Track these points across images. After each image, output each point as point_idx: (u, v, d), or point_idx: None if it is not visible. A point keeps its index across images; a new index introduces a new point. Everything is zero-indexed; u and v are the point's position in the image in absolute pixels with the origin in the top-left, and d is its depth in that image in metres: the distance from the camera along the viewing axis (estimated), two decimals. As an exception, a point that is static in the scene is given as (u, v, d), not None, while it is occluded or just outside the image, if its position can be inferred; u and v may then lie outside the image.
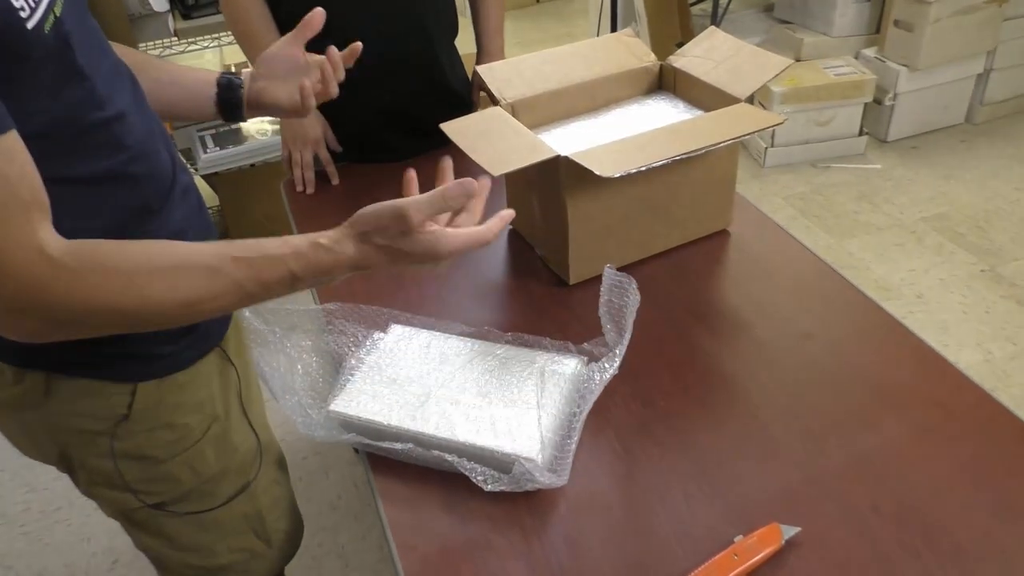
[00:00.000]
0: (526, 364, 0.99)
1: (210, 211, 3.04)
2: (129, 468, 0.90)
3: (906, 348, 1.05)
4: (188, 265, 0.71)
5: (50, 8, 0.68)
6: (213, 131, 2.58)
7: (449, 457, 0.87)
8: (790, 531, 0.81)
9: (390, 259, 0.77)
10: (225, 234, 2.77)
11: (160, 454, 0.91)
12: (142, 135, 0.82)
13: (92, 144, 0.76)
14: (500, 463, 0.87)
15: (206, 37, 2.80)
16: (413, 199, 0.75)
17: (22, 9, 0.64)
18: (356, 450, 0.99)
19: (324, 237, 0.75)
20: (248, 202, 2.63)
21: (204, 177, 2.68)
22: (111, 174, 0.78)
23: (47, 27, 0.67)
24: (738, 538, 0.80)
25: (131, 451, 0.89)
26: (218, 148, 2.51)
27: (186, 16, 2.82)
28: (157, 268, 0.70)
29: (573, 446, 0.89)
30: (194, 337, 0.91)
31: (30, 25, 0.64)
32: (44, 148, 0.67)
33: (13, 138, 0.63)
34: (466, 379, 0.98)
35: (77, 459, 0.91)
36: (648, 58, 1.35)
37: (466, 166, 1.08)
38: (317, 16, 0.99)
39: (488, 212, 1.37)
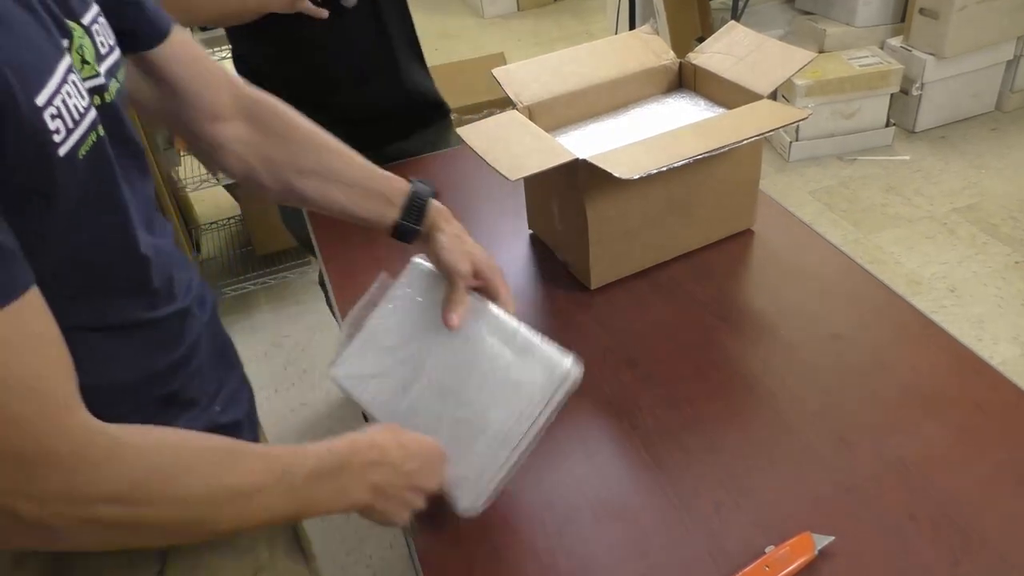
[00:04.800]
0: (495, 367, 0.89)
1: (231, 220, 3.03)
2: None
3: (939, 347, 1.02)
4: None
5: (92, 128, 0.58)
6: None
7: None
8: (823, 540, 0.78)
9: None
10: (248, 244, 2.79)
11: None
12: (168, 271, 0.72)
13: (114, 287, 0.66)
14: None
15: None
16: None
17: (57, 132, 0.54)
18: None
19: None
20: (270, 211, 2.64)
21: (226, 187, 2.70)
22: (134, 322, 0.68)
23: (83, 151, 0.57)
24: (769, 548, 0.78)
25: None
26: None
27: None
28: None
29: (499, 474, 0.82)
30: None
31: (62, 152, 0.54)
32: (52, 292, 0.55)
33: (34, 295, 0.52)
34: (457, 362, 0.89)
35: None
36: (667, 56, 1.32)
37: (483, 170, 1.07)
38: None
39: (508, 215, 1.36)
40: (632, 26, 3.24)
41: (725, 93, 1.24)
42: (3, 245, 0.49)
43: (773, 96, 1.15)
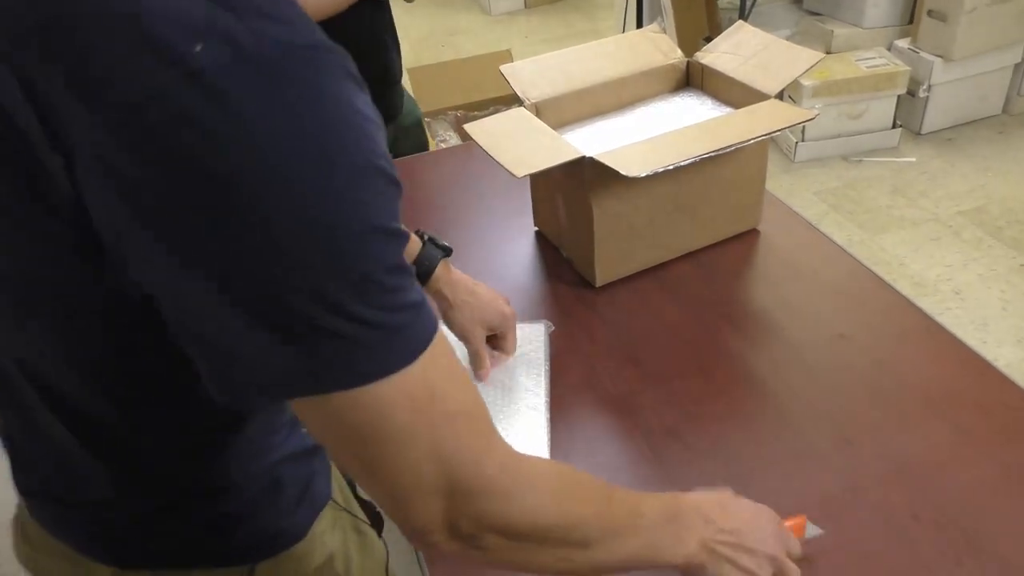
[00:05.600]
0: None
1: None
2: None
3: (944, 348, 1.02)
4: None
5: None
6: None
7: None
8: (814, 530, 0.79)
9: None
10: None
11: None
12: None
13: None
14: None
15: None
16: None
17: None
18: None
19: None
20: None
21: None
22: None
23: None
24: None
25: None
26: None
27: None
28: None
29: None
30: (309, 500, 0.76)
31: None
32: None
33: (440, 333, 0.52)
34: None
35: None
36: (675, 54, 1.32)
37: (489, 167, 1.07)
38: None
39: (513, 212, 1.37)
40: (639, 25, 3.24)
41: (732, 92, 1.24)
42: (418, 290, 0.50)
43: (780, 96, 1.15)
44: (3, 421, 0.65)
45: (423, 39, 4.51)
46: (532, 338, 1.06)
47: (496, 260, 1.27)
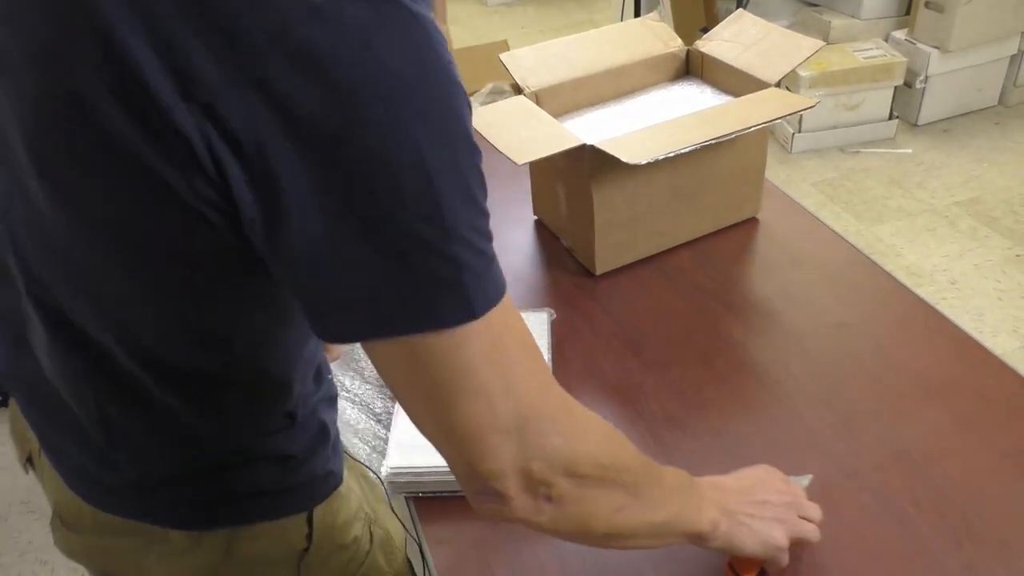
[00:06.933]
0: None
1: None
2: None
3: (943, 336, 1.02)
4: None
5: None
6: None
7: None
8: (803, 480, 0.80)
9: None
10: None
11: None
12: None
13: None
14: None
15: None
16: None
17: None
18: None
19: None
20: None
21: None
22: None
23: None
24: None
25: None
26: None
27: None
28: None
29: None
30: (340, 446, 0.80)
31: None
32: None
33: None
34: None
35: None
36: (674, 43, 1.32)
37: (488, 155, 1.07)
38: None
39: (512, 201, 1.36)
40: (637, 14, 3.23)
41: (732, 81, 1.24)
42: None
43: (777, 86, 1.15)
44: (97, 408, 0.65)
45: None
46: (535, 326, 1.06)
47: (496, 249, 1.27)
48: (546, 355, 1.03)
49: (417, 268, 0.48)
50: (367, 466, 0.91)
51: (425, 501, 0.88)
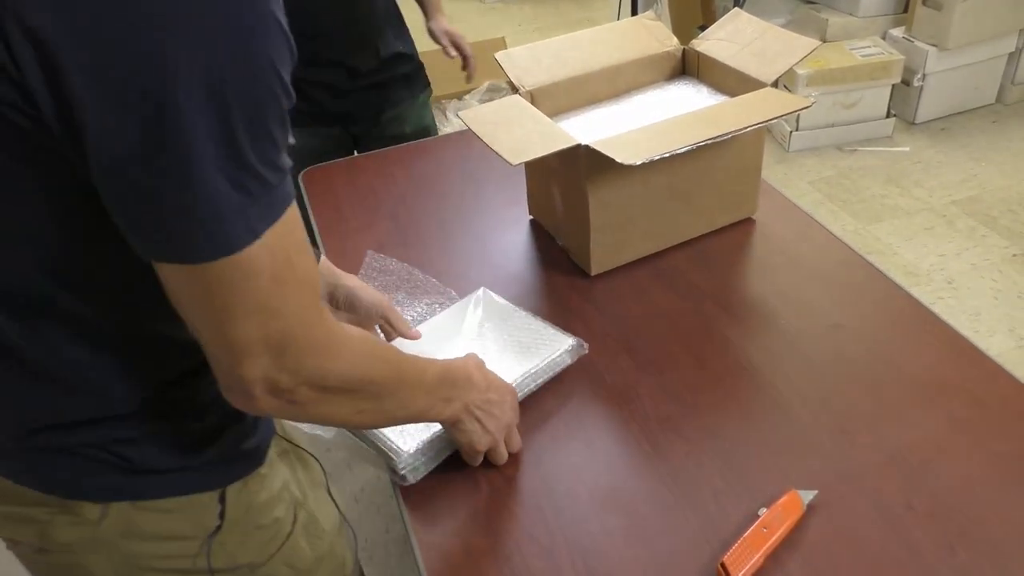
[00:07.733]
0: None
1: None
2: None
3: (938, 338, 1.02)
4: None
5: None
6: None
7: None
8: (808, 495, 0.81)
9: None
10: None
11: (256, 558, 0.80)
12: None
13: None
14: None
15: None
16: None
17: None
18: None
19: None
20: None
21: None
22: None
23: None
24: (762, 511, 0.80)
25: (226, 565, 0.78)
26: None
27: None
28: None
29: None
30: (263, 427, 0.81)
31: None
32: None
33: (294, 206, 0.58)
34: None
35: None
36: (670, 42, 1.32)
37: (484, 155, 1.06)
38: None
39: (508, 201, 1.36)
40: (634, 13, 3.22)
41: (728, 80, 1.23)
42: (288, 165, 0.57)
43: (775, 85, 1.15)
44: None
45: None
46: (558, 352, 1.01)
47: (490, 249, 1.27)
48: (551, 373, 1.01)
49: (196, 193, 0.51)
50: (307, 450, 0.94)
51: (409, 491, 0.87)
